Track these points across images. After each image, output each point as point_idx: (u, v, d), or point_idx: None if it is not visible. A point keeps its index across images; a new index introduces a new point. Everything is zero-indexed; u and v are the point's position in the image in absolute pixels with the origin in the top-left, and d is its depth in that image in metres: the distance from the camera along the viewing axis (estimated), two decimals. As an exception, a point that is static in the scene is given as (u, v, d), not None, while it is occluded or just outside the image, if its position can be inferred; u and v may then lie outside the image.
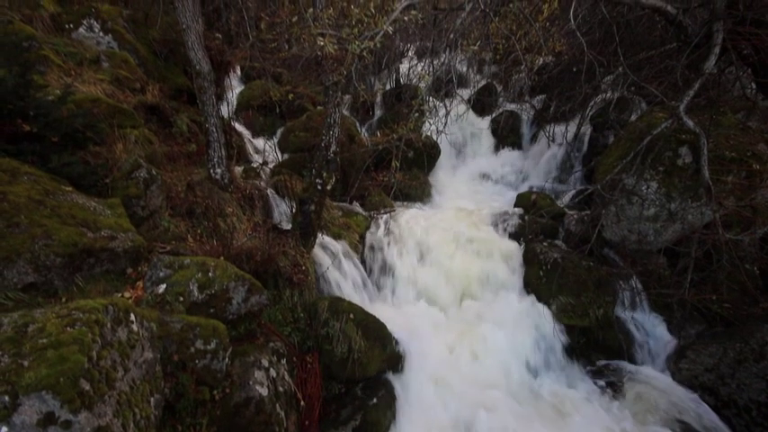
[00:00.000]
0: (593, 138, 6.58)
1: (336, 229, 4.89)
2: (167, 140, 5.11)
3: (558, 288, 4.28)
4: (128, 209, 3.42)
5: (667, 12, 3.90)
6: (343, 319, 3.56)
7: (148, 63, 6.11)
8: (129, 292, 2.90)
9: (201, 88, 4.20)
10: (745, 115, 4.58)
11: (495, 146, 7.90)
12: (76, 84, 4.50)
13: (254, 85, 7.91)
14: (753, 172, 3.93)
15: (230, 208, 4.33)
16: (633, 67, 4.54)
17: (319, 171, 4.11)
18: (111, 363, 1.65)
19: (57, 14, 5.72)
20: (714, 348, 3.69)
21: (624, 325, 4.18)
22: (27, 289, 2.57)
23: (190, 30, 3.99)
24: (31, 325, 1.53)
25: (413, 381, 3.61)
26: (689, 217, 4.05)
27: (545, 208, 5.24)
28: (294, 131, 6.98)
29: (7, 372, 1.38)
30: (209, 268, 3.01)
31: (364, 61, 2.89)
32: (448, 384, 3.64)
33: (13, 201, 2.69)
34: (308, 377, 3.39)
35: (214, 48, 5.85)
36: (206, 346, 2.56)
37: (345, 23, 3.05)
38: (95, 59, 5.29)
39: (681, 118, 3.77)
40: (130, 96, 5.14)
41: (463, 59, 8.67)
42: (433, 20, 4.12)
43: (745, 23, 3.74)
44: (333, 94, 3.81)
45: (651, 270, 4.39)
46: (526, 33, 4.26)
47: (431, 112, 4.21)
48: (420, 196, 6.68)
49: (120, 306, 1.90)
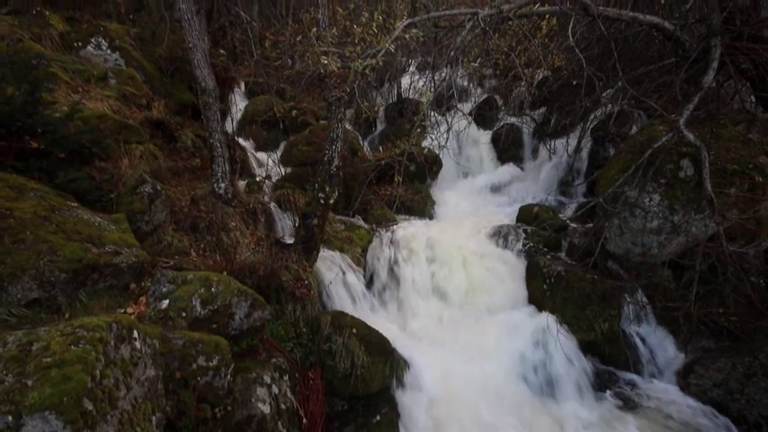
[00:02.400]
0: (594, 150, 6.62)
1: (339, 242, 4.90)
2: (172, 155, 5.18)
3: (563, 301, 4.24)
4: (132, 224, 3.44)
5: (665, 28, 3.96)
6: (345, 334, 3.54)
7: (155, 79, 6.22)
8: (132, 308, 2.90)
9: (206, 105, 4.27)
10: (745, 127, 4.60)
11: (497, 159, 7.94)
12: (84, 100, 4.58)
13: (257, 100, 8.03)
14: (755, 184, 3.93)
15: (233, 222, 4.35)
16: (632, 81, 4.59)
17: (322, 185, 4.13)
18: (114, 381, 1.65)
19: (66, 33, 5.86)
20: (722, 363, 3.64)
21: (630, 339, 4.13)
22: (31, 305, 2.57)
23: (196, 48, 4.07)
24: (35, 343, 1.53)
25: (417, 397, 3.56)
26: (692, 229, 4.04)
27: (547, 221, 5.23)
28: (297, 145, 7.05)
29: (11, 391, 1.38)
30: (212, 283, 3.01)
31: (367, 78, 2.95)
32: (452, 400, 3.59)
33: (20, 217, 2.72)
34: (311, 394, 3.35)
35: (219, 64, 5.97)
36: (208, 363, 2.54)
37: (348, 41, 3.12)
38: (103, 76, 5.40)
39: (681, 131, 3.79)
40: (136, 112, 5.23)
41: (464, 75, 8.79)
42: (433, 37, 4.21)
43: (743, 38, 3.79)
44: (335, 110, 3.86)
45: (656, 283, 4.36)
46: (526, 49, 4.34)
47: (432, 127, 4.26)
48: (422, 209, 6.69)
49: (124, 323, 1.89)
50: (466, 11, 3.47)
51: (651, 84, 4.79)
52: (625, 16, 3.85)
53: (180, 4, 3.94)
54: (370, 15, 3.14)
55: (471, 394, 3.66)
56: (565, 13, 3.71)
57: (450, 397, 3.60)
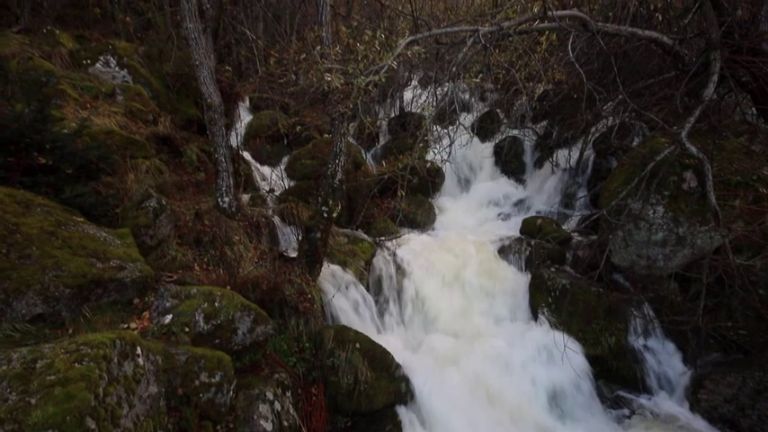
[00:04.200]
0: (596, 162, 6.63)
1: (342, 256, 4.89)
2: (177, 170, 5.23)
3: (568, 315, 4.20)
4: (137, 238, 3.46)
5: (664, 42, 4.01)
6: (349, 349, 3.51)
7: (161, 95, 6.33)
8: (136, 323, 2.90)
9: (212, 120, 4.33)
10: (747, 139, 4.61)
11: (499, 171, 7.95)
12: (92, 116, 4.66)
13: (262, 114, 8.14)
14: (760, 196, 3.91)
15: (237, 236, 4.36)
16: (633, 94, 4.62)
17: (325, 199, 4.15)
18: (117, 399, 1.64)
19: (75, 51, 6.00)
20: (732, 378, 3.57)
21: (638, 353, 4.06)
22: (35, 320, 2.58)
23: (202, 65, 4.16)
24: (39, 361, 1.53)
25: (421, 414, 3.50)
26: (698, 242, 4.01)
27: (551, 233, 5.21)
28: (300, 159, 7.11)
29: (15, 410, 1.37)
30: (216, 298, 3.01)
31: (369, 94, 2.99)
32: (457, 416, 3.52)
33: (26, 232, 2.74)
34: (313, 410, 3.31)
35: (224, 80, 6.08)
36: (210, 379, 2.52)
37: (351, 58, 3.17)
38: (111, 93, 5.51)
39: (683, 144, 3.80)
40: (143, 127, 5.31)
41: (466, 89, 8.88)
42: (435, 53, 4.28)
43: (742, 52, 3.82)
44: (339, 125, 3.91)
45: (663, 296, 4.31)
46: (526, 64, 4.39)
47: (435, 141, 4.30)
48: (425, 222, 6.69)
49: (128, 339, 1.89)
50: (467, 28, 3.53)
51: (652, 97, 4.82)
52: (624, 32, 3.90)
53: (187, 23, 4.04)
54: (373, 33, 3.20)
55: (476, 411, 3.60)
56: (564, 29, 3.76)
57: (456, 412, 3.54)
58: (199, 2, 4.59)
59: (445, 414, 3.52)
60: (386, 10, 6.62)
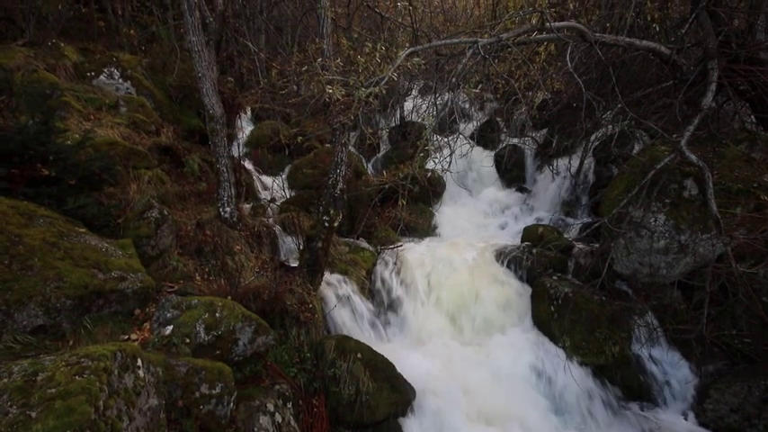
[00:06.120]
0: (597, 170, 6.64)
1: (344, 265, 4.88)
2: (179, 180, 5.26)
3: (571, 324, 4.17)
4: (138, 248, 3.46)
5: (661, 52, 4.05)
6: (350, 359, 3.49)
7: (164, 107, 6.39)
8: (137, 334, 2.89)
9: (214, 131, 4.37)
10: (747, 147, 4.62)
11: (500, 180, 7.98)
12: (95, 128, 4.70)
13: (263, 125, 8.19)
14: (761, 203, 3.91)
15: (238, 246, 4.36)
16: (632, 103, 4.65)
17: (327, 208, 4.16)
18: (117, 412, 1.62)
19: (79, 63, 6.08)
20: (738, 387, 3.53)
21: (642, 363, 4.03)
22: (35, 332, 2.57)
23: (205, 77, 4.21)
24: (40, 373, 1.53)
25: (424, 425, 3.46)
26: (700, 249, 4.00)
27: (552, 241, 5.20)
28: (301, 169, 7.14)
29: (15, 423, 1.36)
30: (216, 309, 3.00)
31: (370, 105, 3.02)
32: (460, 428, 3.48)
33: (28, 243, 2.75)
34: (315, 421, 3.27)
35: (226, 91, 6.14)
36: (211, 391, 2.51)
37: (352, 70, 3.21)
38: (114, 104, 5.56)
39: (683, 152, 3.82)
40: (146, 138, 5.35)
41: (465, 100, 8.95)
42: (435, 64, 4.33)
43: (740, 61, 3.85)
44: (340, 135, 3.94)
45: (666, 304, 4.28)
46: (525, 74, 4.43)
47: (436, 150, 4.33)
48: (426, 231, 6.69)
49: (128, 351, 1.89)
50: (466, 39, 3.57)
51: (650, 106, 4.85)
52: (621, 42, 3.94)
53: (191, 36, 4.10)
54: (374, 45, 3.25)
55: (480, 420, 3.56)
56: (562, 40, 3.81)
57: (459, 424, 3.50)
58: (202, 15, 4.67)
59: (447, 426, 3.48)
60: (386, 22, 6.71)
